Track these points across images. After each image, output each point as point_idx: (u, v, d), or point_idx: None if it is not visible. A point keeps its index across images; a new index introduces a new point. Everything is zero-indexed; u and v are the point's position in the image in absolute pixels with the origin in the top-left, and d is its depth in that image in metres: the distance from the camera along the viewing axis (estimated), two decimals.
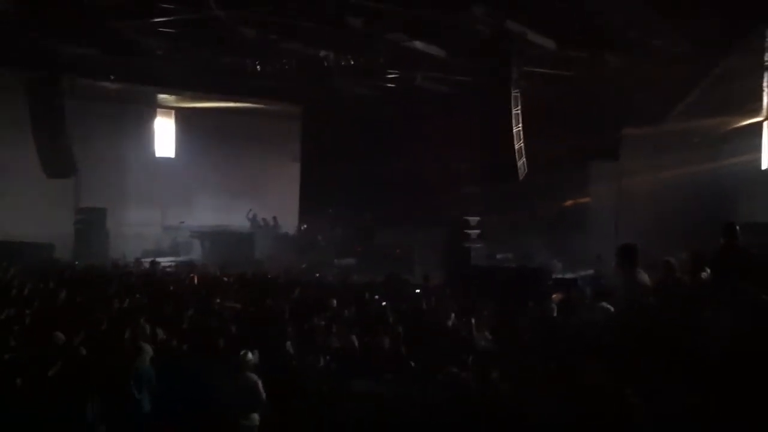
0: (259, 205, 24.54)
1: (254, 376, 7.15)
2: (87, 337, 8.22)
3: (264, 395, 7.05)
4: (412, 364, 7.26)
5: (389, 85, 21.13)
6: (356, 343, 8.34)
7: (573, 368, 5.08)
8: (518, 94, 16.27)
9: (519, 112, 16.28)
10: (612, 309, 9.25)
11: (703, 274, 8.01)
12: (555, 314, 9.96)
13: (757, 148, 17.23)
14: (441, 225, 19.09)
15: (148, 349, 7.65)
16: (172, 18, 15.00)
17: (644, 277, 8.59)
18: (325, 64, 17.85)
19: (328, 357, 7.72)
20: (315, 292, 12.75)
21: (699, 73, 16.88)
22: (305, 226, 24.75)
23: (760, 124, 17.32)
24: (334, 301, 11.14)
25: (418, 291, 13.37)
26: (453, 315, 10.04)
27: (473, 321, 9.04)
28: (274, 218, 24.50)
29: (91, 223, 21.41)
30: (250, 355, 7.37)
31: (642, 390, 4.82)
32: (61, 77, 19.35)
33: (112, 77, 20.52)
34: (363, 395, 6.24)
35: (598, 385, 4.63)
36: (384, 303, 11.13)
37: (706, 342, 5.52)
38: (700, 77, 16.99)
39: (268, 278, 14.91)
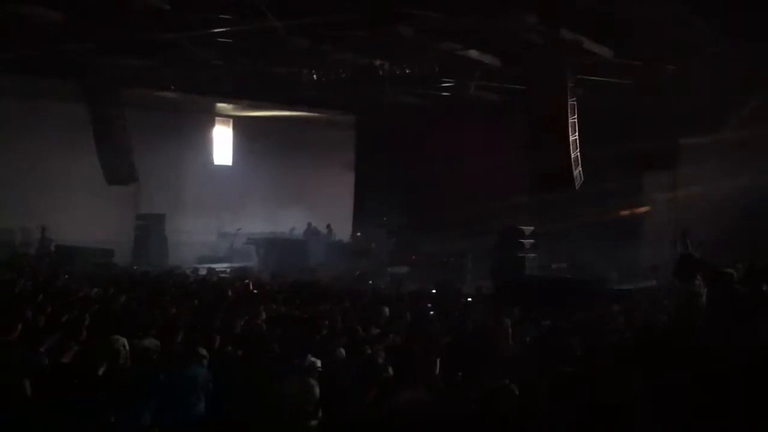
0: (313, 212, 24.76)
1: (312, 381, 7.16)
2: (142, 340, 8.39)
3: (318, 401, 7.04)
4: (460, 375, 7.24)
5: (443, 93, 21.14)
6: (403, 352, 8.31)
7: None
8: (574, 103, 16.13)
9: (575, 120, 16.13)
10: (668, 319, 9.14)
11: (764, 287, 7.84)
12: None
13: None
14: (495, 234, 19.00)
15: (204, 353, 7.77)
16: (229, 29, 15.27)
17: (703, 289, 8.47)
18: (380, 73, 17.95)
19: (377, 365, 7.73)
20: (367, 299, 12.81)
21: (759, 80, 16.50)
22: (358, 233, 24.88)
23: None
24: (387, 309, 11.18)
25: (469, 300, 13.33)
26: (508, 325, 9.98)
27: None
28: (328, 226, 24.69)
29: (149, 229, 21.91)
30: (316, 361, 7.38)
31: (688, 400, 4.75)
32: (122, 88, 19.89)
33: (171, 87, 20.98)
34: (410, 405, 6.22)
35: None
36: (431, 312, 11.11)
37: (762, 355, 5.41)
38: (759, 84, 16.61)
39: (321, 285, 15.03)
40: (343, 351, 8.25)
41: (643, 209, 19.76)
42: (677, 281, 9.41)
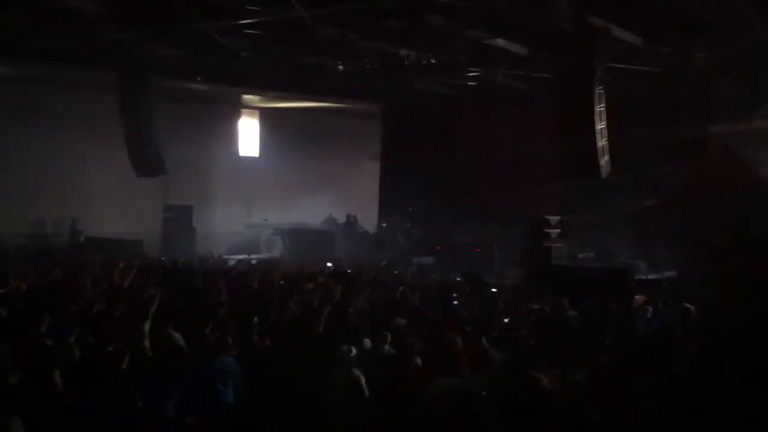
0: (339, 203, 24.80)
1: (357, 372, 7.12)
2: (172, 329, 8.45)
3: (367, 392, 7.01)
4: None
5: (469, 83, 21.03)
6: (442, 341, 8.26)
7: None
8: (602, 91, 15.98)
9: (603, 108, 15.98)
10: (695, 310, 9.03)
11: None
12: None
13: None
14: (521, 223, 18.90)
15: (231, 343, 7.82)
16: (257, 19, 15.30)
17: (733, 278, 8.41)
18: (406, 62, 17.89)
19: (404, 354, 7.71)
20: (393, 289, 12.78)
21: None
22: (384, 224, 24.89)
23: None
24: (416, 300, 11.17)
25: (494, 290, 13.26)
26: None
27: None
28: (354, 216, 24.73)
29: (178, 221, 22.07)
30: (353, 350, 7.37)
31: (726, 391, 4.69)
32: (150, 78, 20.00)
33: (198, 78, 21.07)
34: (447, 393, 6.18)
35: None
36: (456, 302, 11.06)
37: None
38: None
39: (348, 275, 15.02)
40: (369, 341, 8.25)
41: (672, 198, 19.48)
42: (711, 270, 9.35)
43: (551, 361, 6.83)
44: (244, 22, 15.45)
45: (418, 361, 7.34)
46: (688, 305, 9.60)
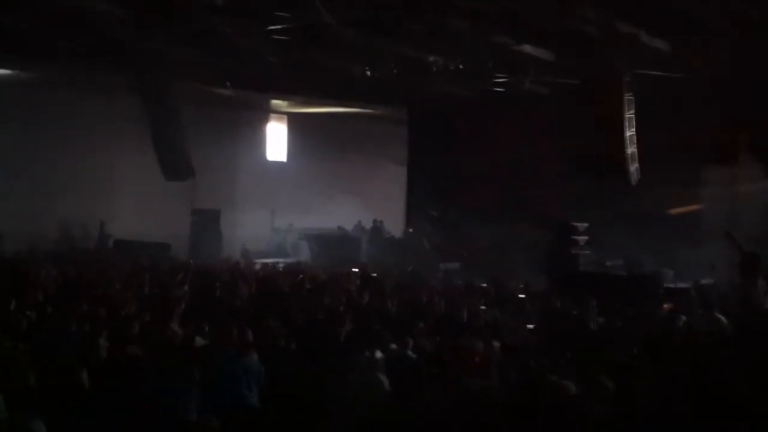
0: (366, 208, 24.81)
1: (382, 376, 7.08)
2: (197, 332, 8.52)
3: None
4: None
5: (496, 89, 20.97)
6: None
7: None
8: (632, 97, 15.85)
9: (632, 116, 15.86)
10: (725, 320, 8.94)
11: None
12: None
13: None
14: (549, 230, 18.78)
15: (252, 344, 7.86)
16: (284, 25, 15.39)
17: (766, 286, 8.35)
18: (433, 68, 17.90)
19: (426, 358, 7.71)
20: (418, 294, 12.78)
21: None
22: (410, 229, 24.87)
23: None
24: (438, 305, 11.17)
25: (522, 296, 13.21)
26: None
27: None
28: (381, 221, 24.72)
29: (205, 225, 22.21)
30: (379, 354, 7.36)
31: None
32: (179, 84, 20.17)
33: (227, 83, 21.23)
34: (472, 393, 6.17)
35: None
36: (483, 307, 11.05)
37: None
38: None
39: (373, 279, 15.03)
40: (395, 346, 8.25)
41: (701, 205, 19.25)
42: (741, 280, 9.20)
43: (577, 369, 6.79)
44: (272, 28, 15.54)
45: (425, 363, 7.35)
46: (720, 315, 9.50)
